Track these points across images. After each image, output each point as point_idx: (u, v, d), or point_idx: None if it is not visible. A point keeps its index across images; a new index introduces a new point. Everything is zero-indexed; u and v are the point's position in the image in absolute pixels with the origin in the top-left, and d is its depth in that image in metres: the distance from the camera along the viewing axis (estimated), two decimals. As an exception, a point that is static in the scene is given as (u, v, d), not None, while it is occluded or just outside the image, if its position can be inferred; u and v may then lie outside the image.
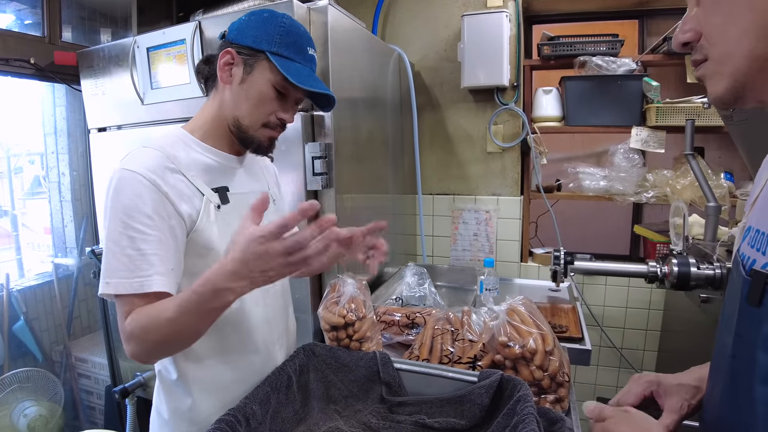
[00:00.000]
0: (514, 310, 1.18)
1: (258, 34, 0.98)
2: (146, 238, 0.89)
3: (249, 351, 1.08)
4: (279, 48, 0.98)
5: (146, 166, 0.91)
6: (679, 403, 0.87)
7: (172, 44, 1.66)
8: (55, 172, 2.75)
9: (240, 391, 1.05)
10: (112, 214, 0.89)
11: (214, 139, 1.05)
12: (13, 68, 1.89)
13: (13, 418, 2.19)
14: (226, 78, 1.00)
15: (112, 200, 0.90)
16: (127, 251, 0.88)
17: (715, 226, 1.72)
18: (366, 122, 1.84)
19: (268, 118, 1.02)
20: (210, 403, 1.04)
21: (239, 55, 0.99)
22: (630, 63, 2.12)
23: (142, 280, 0.87)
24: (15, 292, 2.50)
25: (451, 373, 1.10)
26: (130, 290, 0.87)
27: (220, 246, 1.00)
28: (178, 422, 1.06)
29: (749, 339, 0.60)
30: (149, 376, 2.07)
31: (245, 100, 1.00)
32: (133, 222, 0.88)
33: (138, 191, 0.89)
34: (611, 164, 2.23)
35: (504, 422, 0.94)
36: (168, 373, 1.05)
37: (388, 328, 1.46)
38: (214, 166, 1.04)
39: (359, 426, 1.07)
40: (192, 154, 1.01)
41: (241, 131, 1.02)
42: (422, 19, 2.40)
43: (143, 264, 0.88)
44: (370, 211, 1.89)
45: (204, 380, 1.04)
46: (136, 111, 1.82)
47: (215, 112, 1.04)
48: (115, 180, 0.91)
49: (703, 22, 0.59)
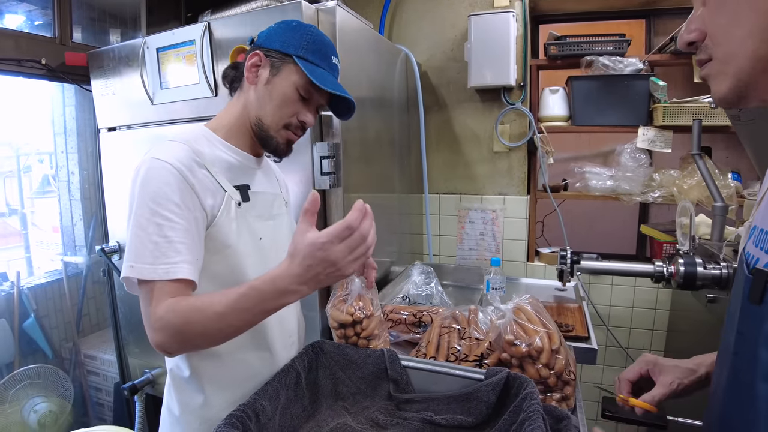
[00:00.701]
0: (521, 308, 1.19)
1: (286, 39, 1.03)
2: (174, 226, 0.90)
3: (262, 348, 1.10)
4: (305, 53, 1.02)
5: (175, 157, 0.94)
6: (670, 380, 0.92)
7: (181, 45, 1.67)
8: (64, 171, 2.78)
9: (252, 388, 1.06)
10: (140, 201, 0.91)
11: (237, 139, 1.08)
12: (24, 69, 1.91)
13: (23, 413, 2.22)
14: (252, 78, 1.04)
15: (140, 187, 0.92)
16: (153, 237, 0.89)
17: (722, 226, 1.72)
18: (373, 122, 1.85)
19: (290, 119, 1.05)
20: (222, 399, 1.06)
21: (267, 58, 1.03)
22: (637, 63, 2.11)
23: (168, 267, 0.88)
24: (25, 290, 2.53)
25: (458, 370, 1.11)
26: (154, 276, 0.88)
27: (237, 243, 1.02)
28: (189, 419, 1.08)
29: (751, 336, 0.61)
30: (158, 373, 2.09)
31: (269, 100, 1.03)
32: (161, 209, 0.90)
33: (167, 180, 0.91)
34: (618, 164, 2.23)
35: (510, 419, 0.95)
36: (180, 370, 1.07)
37: (395, 327, 1.47)
38: (235, 164, 1.07)
39: (367, 422, 1.08)
40: (215, 151, 1.04)
41: (262, 131, 1.05)
42: (429, 19, 2.40)
43: (169, 251, 0.89)
44: (377, 210, 1.87)
45: (217, 377, 1.06)
46: (145, 111, 1.83)
47: (239, 112, 1.07)
48: (144, 168, 0.93)
49: (708, 23, 0.59)
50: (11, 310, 2.45)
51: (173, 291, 0.89)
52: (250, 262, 1.04)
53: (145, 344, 2.07)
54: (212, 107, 1.65)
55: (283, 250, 1.13)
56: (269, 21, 1.48)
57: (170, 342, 0.87)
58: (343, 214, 1.58)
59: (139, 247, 0.89)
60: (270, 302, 0.84)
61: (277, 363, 1.12)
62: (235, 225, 1.01)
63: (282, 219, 1.19)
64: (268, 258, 1.09)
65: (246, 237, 1.04)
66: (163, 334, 0.87)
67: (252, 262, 1.05)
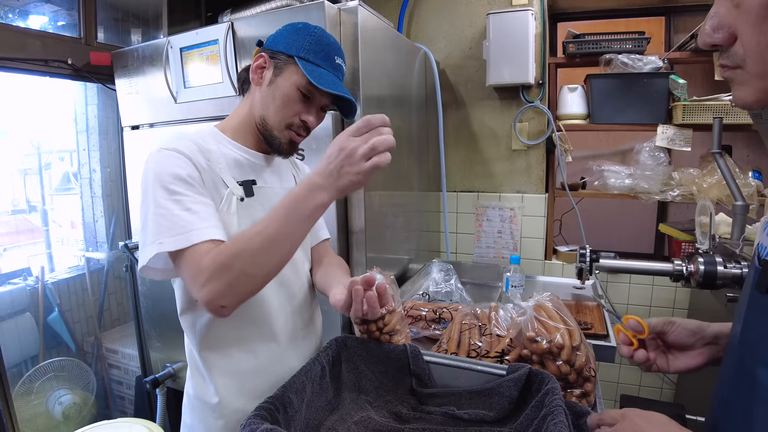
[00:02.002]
0: (541, 306, 1.20)
1: (290, 41, 1.05)
2: (193, 199, 0.94)
3: (268, 340, 1.12)
4: (307, 54, 1.04)
5: (183, 147, 0.98)
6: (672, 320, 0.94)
7: (204, 44, 1.70)
8: (86, 169, 2.83)
9: (260, 379, 1.11)
10: (154, 185, 0.93)
11: (244, 138, 1.11)
12: (51, 69, 1.95)
13: (48, 405, 2.27)
14: (257, 80, 1.08)
15: (152, 173, 0.94)
16: (176, 212, 0.91)
17: (743, 225, 1.71)
18: (393, 120, 1.82)
19: (292, 119, 1.07)
20: (230, 390, 1.09)
21: (271, 60, 1.06)
22: (656, 60, 2.10)
23: (198, 231, 0.90)
24: (49, 285, 2.58)
25: (480, 366, 1.12)
26: (187, 243, 0.89)
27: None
28: (202, 406, 1.12)
29: (756, 325, 0.63)
30: (179, 367, 2.13)
31: (272, 100, 1.06)
32: (177, 187, 0.93)
33: (177, 162, 0.95)
34: (636, 162, 2.22)
35: (532, 414, 0.95)
36: (194, 360, 1.11)
37: (415, 323, 1.48)
38: (242, 161, 1.10)
39: (390, 416, 1.10)
40: (222, 149, 1.07)
41: (266, 130, 1.08)
42: (447, 17, 2.41)
43: (195, 219, 0.92)
44: (396, 209, 1.92)
45: (224, 368, 1.09)
46: (169, 109, 1.87)
47: (246, 112, 1.11)
48: (154, 158, 0.96)
49: (745, 37, 0.57)
50: (36, 305, 2.51)
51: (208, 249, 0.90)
52: None
53: (166, 338, 2.11)
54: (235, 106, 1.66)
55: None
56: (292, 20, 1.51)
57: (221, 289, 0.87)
58: (364, 212, 1.60)
59: (165, 224, 0.91)
60: (304, 202, 0.87)
61: (287, 356, 1.16)
62: (236, 219, 1.04)
63: None
64: None
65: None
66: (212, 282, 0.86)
67: None
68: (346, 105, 1.13)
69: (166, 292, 2.00)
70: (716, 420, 0.73)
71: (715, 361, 0.92)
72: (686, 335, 0.93)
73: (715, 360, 0.92)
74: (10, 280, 2.54)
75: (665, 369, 0.96)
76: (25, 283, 2.54)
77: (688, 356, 0.94)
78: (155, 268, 0.98)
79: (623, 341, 0.99)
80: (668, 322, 0.94)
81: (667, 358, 0.96)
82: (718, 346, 0.91)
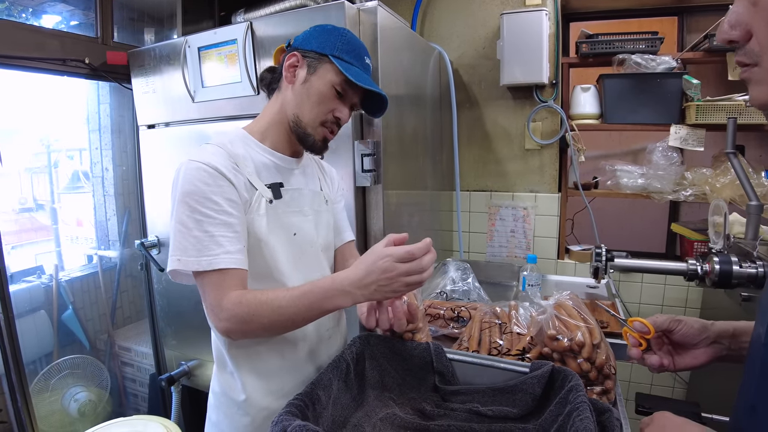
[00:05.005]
0: (561, 305, 1.22)
1: (322, 41, 1.08)
2: (213, 222, 0.97)
3: (297, 340, 1.14)
4: (341, 53, 1.07)
5: (211, 158, 1.00)
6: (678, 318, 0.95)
7: (223, 44, 1.71)
8: (99, 168, 2.84)
9: (287, 377, 1.13)
10: (180, 200, 0.97)
11: (273, 141, 1.12)
12: (69, 68, 1.96)
13: (64, 402, 2.29)
14: (290, 78, 1.09)
15: (180, 188, 0.97)
16: (194, 233, 0.96)
17: (757, 224, 1.71)
18: (409, 120, 1.87)
19: (326, 116, 1.09)
20: (257, 388, 1.11)
21: (304, 58, 1.08)
22: (669, 61, 2.11)
23: (211, 259, 0.95)
24: (63, 283, 2.59)
25: (503, 363, 1.13)
26: (199, 267, 0.95)
27: (269, 238, 1.07)
28: (228, 403, 1.13)
29: None
30: (194, 365, 2.14)
31: (307, 98, 1.08)
32: (199, 206, 0.96)
33: (203, 179, 0.97)
34: (649, 162, 2.23)
35: (557, 411, 0.96)
36: (222, 357, 1.13)
37: (434, 321, 1.49)
38: (269, 164, 1.11)
39: (414, 413, 1.11)
40: (250, 152, 1.09)
41: (299, 128, 1.09)
42: (460, 17, 2.42)
43: (211, 244, 0.96)
44: (411, 208, 1.93)
45: (252, 366, 1.11)
46: (186, 108, 1.88)
47: (276, 111, 1.12)
48: (183, 171, 0.99)
49: (762, 35, 0.58)
50: (50, 302, 2.53)
51: (225, 280, 0.96)
52: (284, 255, 1.10)
53: (182, 336, 2.13)
54: (254, 105, 1.69)
55: (320, 245, 1.19)
56: (312, 20, 1.52)
57: (235, 330, 0.97)
58: (382, 212, 1.62)
59: (183, 242, 0.96)
60: (328, 300, 0.94)
61: (314, 355, 1.19)
62: (264, 220, 1.06)
63: (322, 216, 1.22)
64: (305, 252, 1.15)
65: (278, 232, 1.09)
66: (230, 323, 0.95)
67: (286, 256, 1.10)
68: (372, 104, 1.17)
69: (183, 291, 2.02)
70: (741, 424, 0.74)
71: (719, 358, 0.94)
72: (693, 334, 0.94)
73: (719, 358, 0.94)
74: (24, 278, 2.55)
75: (670, 367, 0.97)
76: (39, 281, 2.55)
77: (693, 354, 0.95)
78: (183, 273, 1.01)
79: (633, 344, 1.01)
80: (674, 320, 0.96)
81: (673, 356, 0.98)
82: (722, 345, 0.93)
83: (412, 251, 0.89)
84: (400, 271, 0.89)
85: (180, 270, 0.98)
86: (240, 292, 0.96)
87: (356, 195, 1.59)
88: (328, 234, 1.24)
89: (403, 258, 0.89)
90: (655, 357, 0.97)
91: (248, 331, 0.98)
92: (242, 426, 1.11)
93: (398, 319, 1.08)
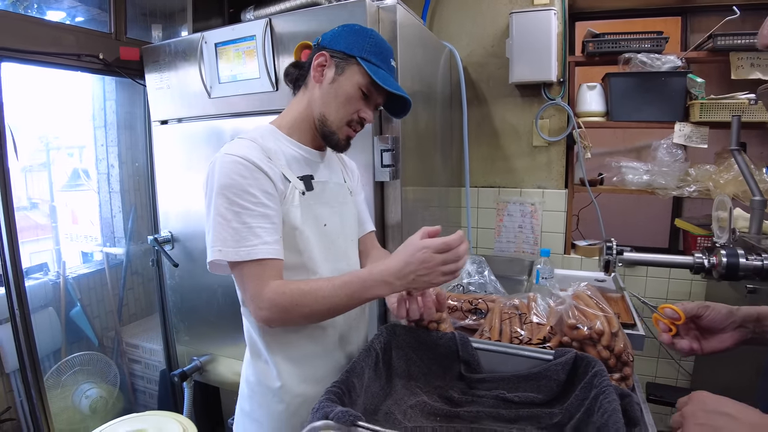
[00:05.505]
0: (579, 295, 1.26)
1: (350, 42, 1.09)
2: (250, 213, 0.99)
3: (329, 325, 1.16)
4: (369, 55, 1.09)
5: (246, 151, 1.02)
6: (706, 304, 0.99)
7: (241, 40, 1.72)
8: (104, 165, 2.84)
9: (318, 364, 1.16)
10: (218, 192, 0.99)
11: (300, 135, 1.15)
12: (83, 63, 1.97)
13: (74, 399, 2.29)
14: (318, 77, 1.11)
15: (218, 181, 1.00)
16: (233, 224, 0.98)
17: (761, 219, 1.76)
18: (423, 116, 1.90)
19: (352, 116, 1.12)
20: (291, 374, 1.13)
21: (332, 59, 1.10)
22: (674, 60, 2.16)
23: (249, 249, 0.98)
24: (70, 279, 2.59)
25: (527, 351, 1.17)
26: (237, 258, 0.98)
27: (304, 227, 1.09)
28: (264, 393, 1.15)
29: None
30: (206, 360, 2.14)
31: (334, 98, 1.10)
32: (237, 198, 0.99)
33: (240, 172, 1.00)
34: (654, 159, 2.27)
35: (582, 395, 1.00)
36: (256, 346, 1.15)
37: (452, 314, 1.52)
38: (298, 157, 1.14)
39: (442, 400, 1.13)
40: (280, 146, 1.11)
41: (325, 126, 1.12)
42: (470, 15, 2.45)
43: (249, 235, 0.99)
44: (424, 204, 1.95)
45: (286, 353, 1.13)
46: (202, 104, 1.89)
47: (303, 108, 1.15)
48: (218, 164, 1.01)
49: None
50: (57, 299, 2.52)
51: (264, 270, 0.99)
52: (316, 244, 1.13)
53: (196, 332, 2.13)
54: (273, 101, 1.70)
55: (348, 236, 1.23)
56: (332, 18, 1.55)
57: (275, 319, 1.00)
58: (400, 206, 1.64)
59: (222, 233, 0.99)
60: (368, 290, 0.98)
61: (343, 341, 1.22)
62: (299, 211, 1.09)
63: (347, 207, 1.25)
64: (334, 243, 1.18)
65: (310, 222, 1.12)
66: (271, 312, 0.98)
67: (317, 245, 1.13)
68: (395, 105, 1.19)
69: (197, 286, 2.03)
70: None
71: (744, 342, 0.97)
72: (720, 319, 0.98)
73: (744, 341, 0.97)
74: (31, 275, 2.55)
75: (698, 351, 1.01)
76: (46, 278, 2.55)
77: (719, 338, 0.99)
78: (221, 264, 1.03)
79: (663, 329, 1.04)
80: (703, 306, 1.00)
81: (700, 341, 1.01)
82: (747, 329, 0.97)
83: (448, 242, 0.94)
84: (438, 261, 0.93)
85: (219, 261, 1.00)
86: (281, 282, 0.99)
87: (375, 189, 1.61)
88: (353, 224, 1.28)
89: (440, 248, 0.93)
90: (684, 341, 1.01)
91: (288, 319, 1.01)
92: (277, 413, 1.13)
93: (428, 308, 1.12)
